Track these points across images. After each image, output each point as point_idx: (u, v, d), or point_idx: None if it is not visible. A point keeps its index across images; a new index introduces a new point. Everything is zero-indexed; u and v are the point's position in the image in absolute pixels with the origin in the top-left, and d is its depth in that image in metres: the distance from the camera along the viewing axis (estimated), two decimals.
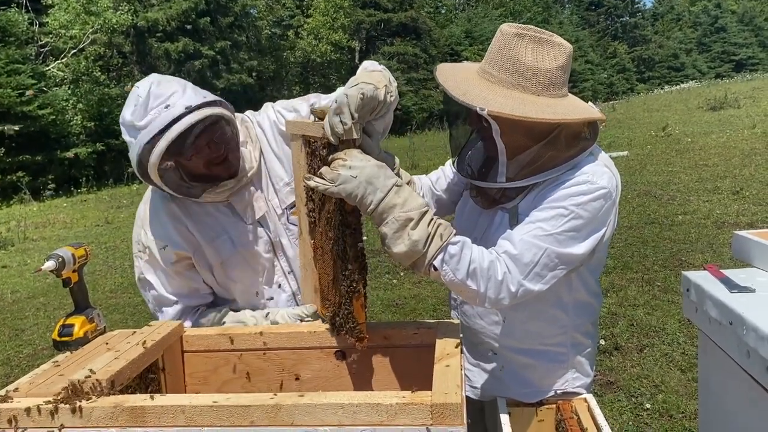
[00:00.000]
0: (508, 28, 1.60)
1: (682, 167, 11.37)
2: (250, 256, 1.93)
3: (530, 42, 1.56)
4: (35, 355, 5.47)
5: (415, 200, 1.42)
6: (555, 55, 1.57)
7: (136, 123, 1.68)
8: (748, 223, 7.37)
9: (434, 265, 1.43)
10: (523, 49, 1.56)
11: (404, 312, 5.68)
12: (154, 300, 1.93)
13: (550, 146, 1.58)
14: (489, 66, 1.61)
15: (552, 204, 1.55)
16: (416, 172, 7.58)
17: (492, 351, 1.83)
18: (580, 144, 1.60)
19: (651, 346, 4.49)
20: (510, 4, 43.25)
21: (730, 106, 19.99)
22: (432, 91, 30.22)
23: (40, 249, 9.88)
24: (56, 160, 17.75)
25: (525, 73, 1.56)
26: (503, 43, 1.59)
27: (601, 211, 1.56)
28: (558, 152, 1.58)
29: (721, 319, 1.59)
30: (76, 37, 19.25)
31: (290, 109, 1.98)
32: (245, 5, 26.36)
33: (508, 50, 1.57)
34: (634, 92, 42.90)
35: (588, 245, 1.56)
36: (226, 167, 1.83)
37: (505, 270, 1.48)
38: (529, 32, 1.57)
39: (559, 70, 1.58)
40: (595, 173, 1.57)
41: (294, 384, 1.67)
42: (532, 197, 1.62)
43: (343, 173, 1.36)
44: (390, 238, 1.40)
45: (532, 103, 1.54)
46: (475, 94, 1.55)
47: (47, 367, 1.50)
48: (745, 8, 54.35)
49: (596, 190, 1.55)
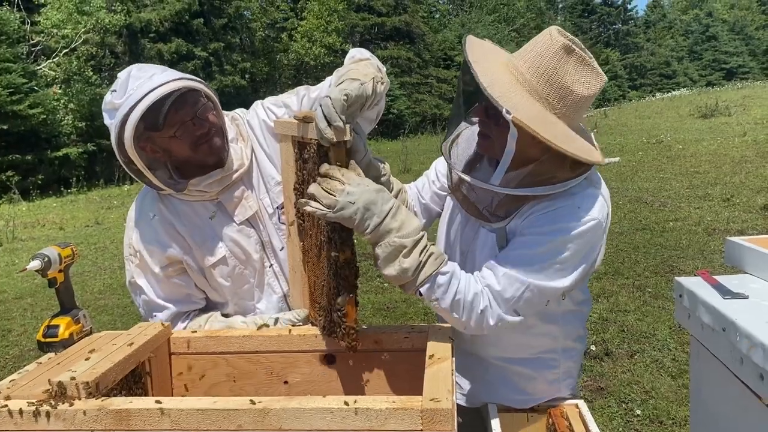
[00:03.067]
0: (558, 36, 1.47)
1: (674, 174, 11.43)
2: (242, 257, 1.90)
3: (575, 60, 1.47)
4: (21, 356, 5.41)
5: (411, 224, 1.41)
6: (591, 83, 1.49)
7: (115, 101, 1.66)
8: (739, 230, 7.40)
9: (421, 292, 1.46)
10: (566, 65, 1.46)
11: (395, 315, 5.66)
12: (145, 305, 1.90)
13: (551, 164, 1.50)
14: (524, 65, 1.50)
15: (541, 233, 1.50)
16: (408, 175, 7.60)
17: (482, 359, 1.81)
18: (579, 168, 1.52)
19: (641, 352, 4.49)
20: (504, 10, 43.42)
21: (721, 114, 20.12)
22: (425, 95, 30.27)
23: (28, 249, 9.80)
24: (46, 160, 17.65)
25: (558, 90, 1.47)
26: (547, 49, 1.47)
27: (589, 245, 1.53)
28: (557, 172, 1.51)
29: (714, 326, 1.58)
30: (68, 36, 19.17)
31: (279, 105, 1.95)
32: (239, 7, 26.33)
33: (550, 60, 1.46)
34: (626, 99, 43.07)
35: (574, 277, 1.53)
36: (213, 150, 1.77)
37: (486, 304, 1.49)
38: (576, 48, 1.46)
39: (589, 99, 1.51)
40: (587, 203, 1.52)
41: (282, 388, 1.65)
42: (521, 219, 1.56)
43: (341, 200, 1.35)
44: (382, 261, 1.42)
45: (553, 125, 1.46)
46: (504, 92, 1.43)
47: (31, 368, 1.47)
48: (736, 17, 54.79)
49: (587, 223, 1.50)
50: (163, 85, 1.64)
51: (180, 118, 1.70)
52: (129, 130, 1.62)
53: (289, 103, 1.93)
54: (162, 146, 1.73)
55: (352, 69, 1.50)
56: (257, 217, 1.92)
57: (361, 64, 1.56)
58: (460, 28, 36.32)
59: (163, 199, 1.85)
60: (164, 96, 1.64)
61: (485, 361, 1.81)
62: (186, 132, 1.72)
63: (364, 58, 1.65)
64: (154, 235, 1.84)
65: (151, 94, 1.62)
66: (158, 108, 1.65)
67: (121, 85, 1.67)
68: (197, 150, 1.75)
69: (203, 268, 1.88)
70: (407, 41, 31.59)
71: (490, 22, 38.99)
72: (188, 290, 1.91)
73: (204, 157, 1.78)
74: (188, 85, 1.70)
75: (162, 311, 1.88)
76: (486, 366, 1.81)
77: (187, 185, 1.79)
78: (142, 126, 1.65)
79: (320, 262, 1.57)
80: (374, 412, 1.14)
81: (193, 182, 1.79)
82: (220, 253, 1.87)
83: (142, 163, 1.70)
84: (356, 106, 1.40)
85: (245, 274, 1.92)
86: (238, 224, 1.89)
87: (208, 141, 1.76)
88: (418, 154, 17.85)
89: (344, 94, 1.36)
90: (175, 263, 1.87)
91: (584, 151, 1.49)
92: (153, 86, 1.63)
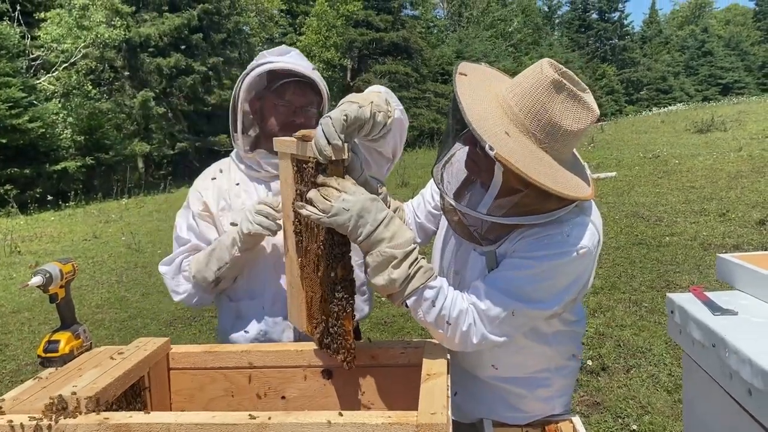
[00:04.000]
0: (549, 70, 1.46)
1: (670, 189, 11.47)
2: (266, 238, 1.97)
3: (566, 96, 1.44)
4: (19, 370, 5.40)
5: (403, 236, 1.44)
6: (581, 118, 1.46)
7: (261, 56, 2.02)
8: (734, 245, 7.43)
9: (407, 304, 1.48)
10: (556, 101, 1.44)
11: (393, 330, 5.66)
12: (176, 240, 2.11)
13: (538, 196, 1.48)
14: (513, 98, 1.49)
15: (530, 259, 1.50)
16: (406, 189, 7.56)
17: (476, 376, 1.83)
18: (566, 201, 1.50)
19: (638, 366, 4.50)
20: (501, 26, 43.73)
21: (717, 129, 20.20)
22: (423, 109, 30.41)
23: (26, 263, 9.79)
24: (45, 174, 17.68)
25: (545, 125, 1.45)
26: (537, 84, 1.46)
27: (576, 272, 1.54)
28: (544, 203, 1.49)
29: (704, 341, 1.61)
30: (67, 51, 19.27)
31: None
32: (238, 22, 26.52)
33: (540, 95, 1.45)
34: (622, 114, 43.34)
35: (560, 303, 1.54)
36: None
37: (471, 322, 1.50)
38: (567, 82, 1.44)
39: (578, 133, 1.48)
40: (577, 231, 1.52)
41: (280, 403, 1.67)
42: (511, 243, 1.57)
43: (335, 205, 1.39)
44: (371, 269, 1.45)
45: (539, 160, 1.45)
46: (489, 127, 1.43)
47: (32, 383, 1.49)
48: (731, 33, 55.29)
49: (576, 251, 1.50)
50: (304, 69, 1.96)
51: (290, 96, 1.98)
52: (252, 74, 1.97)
53: None
54: (264, 109, 2.02)
55: (354, 94, 1.54)
56: None
57: (366, 94, 1.60)
58: (458, 44, 36.57)
59: (233, 167, 2.12)
60: (293, 71, 1.96)
61: (479, 379, 1.82)
62: (285, 110, 1.99)
63: (374, 91, 1.67)
64: (204, 184, 2.11)
65: (293, 65, 1.95)
66: (284, 75, 1.98)
67: (278, 50, 2.03)
68: (283, 132, 1.90)
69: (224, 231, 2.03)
70: (405, 56, 31.81)
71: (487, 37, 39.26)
72: (211, 237, 2.06)
73: None
74: (319, 84, 1.99)
75: (185, 244, 2.07)
76: (480, 383, 1.83)
77: (256, 150, 2.05)
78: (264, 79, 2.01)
79: (317, 277, 1.59)
80: (370, 427, 1.16)
81: (260, 151, 2.04)
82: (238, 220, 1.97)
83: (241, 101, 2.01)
84: (354, 127, 1.45)
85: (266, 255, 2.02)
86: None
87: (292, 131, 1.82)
88: (415, 168, 17.90)
89: (344, 114, 1.41)
90: (207, 212, 2.07)
91: (570, 187, 1.47)
92: (296, 62, 1.98)
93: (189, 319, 6.45)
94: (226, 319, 2.10)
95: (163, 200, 17.84)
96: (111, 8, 21.35)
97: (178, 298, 2.06)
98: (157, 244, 10.74)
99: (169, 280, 2.08)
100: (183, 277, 2.06)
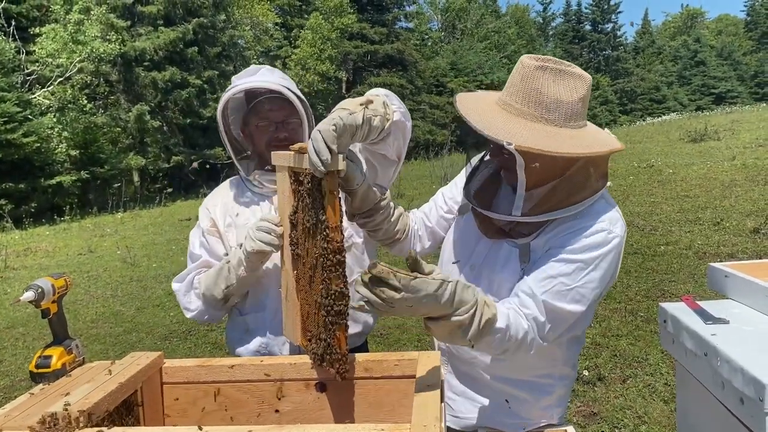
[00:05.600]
0: (528, 61, 1.57)
1: (664, 198, 11.51)
2: None
3: (552, 74, 1.54)
4: (12, 386, 5.37)
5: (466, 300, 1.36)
6: (576, 86, 1.56)
7: (235, 80, 2.03)
8: (729, 253, 7.45)
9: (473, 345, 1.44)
10: (545, 81, 1.54)
11: (388, 342, 5.65)
12: (189, 257, 2.15)
13: (569, 182, 1.57)
14: (510, 98, 1.59)
15: (572, 256, 1.55)
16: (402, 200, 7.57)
17: (480, 380, 1.83)
18: (597, 182, 1.60)
19: (634, 376, 4.49)
20: (495, 38, 44.01)
21: (711, 138, 20.29)
22: (418, 121, 30.51)
23: (21, 278, 9.76)
24: (40, 188, 17.66)
25: (548, 105, 1.54)
26: (525, 75, 1.56)
27: (616, 261, 1.60)
28: (576, 189, 1.57)
29: (697, 351, 1.61)
30: (63, 65, 19.30)
31: None
32: (233, 36, 26.62)
33: (530, 83, 1.55)
34: (617, 124, 43.52)
35: (601, 294, 1.61)
36: None
37: (533, 337, 1.53)
38: (549, 64, 1.55)
39: (580, 102, 1.57)
40: (611, 221, 1.58)
41: (274, 416, 1.67)
42: (546, 236, 1.61)
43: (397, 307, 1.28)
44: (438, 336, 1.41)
45: (556, 135, 1.53)
46: (499, 127, 1.51)
47: (24, 398, 1.48)
48: (723, 43, 55.70)
49: (613, 240, 1.56)
50: (274, 84, 1.96)
51: (266, 113, 2.01)
52: (222, 101, 2.01)
53: None
54: (251, 131, 2.07)
55: (347, 100, 1.55)
56: None
57: (357, 98, 1.60)
58: (452, 55, 36.78)
59: (240, 185, 2.16)
60: (263, 88, 1.99)
61: (480, 383, 1.82)
62: (267, 129, 2.02)
63: (375, 94, 1.67)
64: (214, 203, 2.15)
65: (260, 81, 1.98)
66: (258, 94, 2.01)
67: (246, 72, 2.04)
68: (269, 149, 1.90)
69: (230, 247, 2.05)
70: (400, 68, 31.99)
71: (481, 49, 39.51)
72: (221, 252, 2.09)
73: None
74: (291, 97, 1.98)
75: (197, 260, 2.10)
76: (481, 388, 1.82)
77: (253, 170, 2.10)
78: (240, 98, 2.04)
79: (312, 290, 1.60)
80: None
81: (257, 172, 2.09)
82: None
83: (223, 129, 2.07)
84: (347, 135, 1.45)
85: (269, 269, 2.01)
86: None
87: (280, 148, 1.87)
88: (411, 180, 17.93)
89: (332, 124, 1.41)
90: (214, 228, 2.11)
91: (599, 143, 1.56)
92: (262, 78, 1.99)
93: (184, 333, 6.42)
94: (234, 333, 2.12)
95: (159, 214, 17.81)
96: (106, 23, 21.43)
97: (190, 315, 2.08)
98: (152, 258, 10.71)
99: (181, 297, 2.09)
100: (194, 294, 2.07)
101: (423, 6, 45.08)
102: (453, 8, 47.48)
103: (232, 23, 26.76)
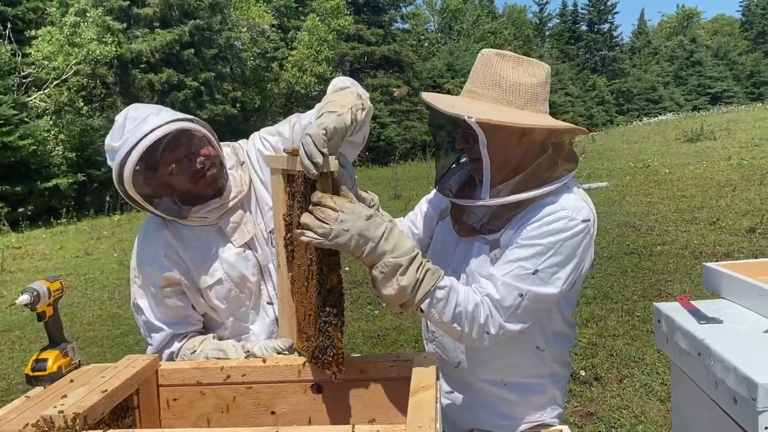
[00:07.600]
0: (488, 51, 1.69)
1: (661, 198, 11.54)
2: (238, 280, 1.96)
3: (511, 60, 1.65)
4: (9, 389, 5.36)
5: (405, 244, 1.46)
6: (535, 72, 1.66)
7: (114, 144, 1.77)
8: (725, 253, 7.47)
9: (421, 308, 1.50)
10: (505, 66, 1.64)
11: (386, 343, 5.66)
12: (144, 325, 1.97)
13: (533, 166, 1.64)
14: (472, 85, 1.69)
15: (532, 241, 1.58)
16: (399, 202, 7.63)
17: (470, 383, 1.84)
18: (563, 165, 1.65)
19: (631, 376, 4.50)
20: (491, 38, 44.08)
21: (707, 138, 20.35)
22: (415, 122, 30.52)
23: (17, 281, 9.74)
24: (36, 191, 17.60)
25: (508, 88, 1.63)
26: (485, 63, 1.67)
27: (580, 247, 1.60)
28: (539, 172, 1.63)
29: (691, 350, 1.62)
30: (59, 68, 19.25)
31: (273, 133, 2.05)
32: (229, 37, 26.57)
33: (490, 68, 1.65)
34: (613, 124, 43.59)
35: (568, 282, 1.60)
36: (211, 181, 1.87)
37: (487, 313, 1.54)
38: (508, 53, 1.67)
39: (540, 86, 1.66)
40: (574, 208, 1.61)
41: (270, 418, 1.67)
42: (513, 230, 1.64)
43: (335, 228, 1.39)
44: (380, 282, 1.45)
45: (517, 113, 1.61)
46: (463, 106, 1.61)
47: (20, 401, 1.48)
48: (719, 43, 55.77)
49: (575, 226, 1.59)
50: (157, 129, 1.74)
51: (175, 156, 1.81)
52: (128, 171, 1.74)
53: (282, 131, 2.03)
54: (163, 182, 1.84)
55: (330, 101, 1.56)
56: (255, 241, 2.00)
57: (341, 94, 1.62)
58: (449, 56, 36.78)
59: (168, 224, 1.94)
60: (158, 140, 1.74)
61: (473, 386, 1.83)
62: (183, 168, 1.83)
63: (345, 86, 1.72)
64: (155, 256, 1.92)
65: (146, 139, 1.72)
66: (154, 150, 1.75)
67: (119, 129, 1.78)
68: (197, 183, 1.86)
69: (201, 289, 1.95)
70: (396, 69, 31.98)
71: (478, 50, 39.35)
72: (186, 311, 1.97)
73: (204, 188, 1.88)
74: (181, 126, 1.80)
75: (159, 332, 1.94)
76: (473, 391, 1.84)
77: (189, 212, 1.89)
78: (141, 166, 1.76)
79: (308, 291, 1.60)
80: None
81: (194, 210, 1.90)
82: (216, 276, 1.93)
83: (142, 200, 1.82)
84: (337, 138, 1.46)
85: (241, 297, 1.97)
86: (236, 247, 1.96)
87: (205, 174, 1.86)
88: (408, 181, 17.95)
89: (323, 128, 1.42)
90: (174, 284, 1.93)
91: (559, 124, 1.64)
92: (147, 130, 1.74)
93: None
94: None
95: None
96: (102, 25, 21.36)
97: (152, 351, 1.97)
98: None
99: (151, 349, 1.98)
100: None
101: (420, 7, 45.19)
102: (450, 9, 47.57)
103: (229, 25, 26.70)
